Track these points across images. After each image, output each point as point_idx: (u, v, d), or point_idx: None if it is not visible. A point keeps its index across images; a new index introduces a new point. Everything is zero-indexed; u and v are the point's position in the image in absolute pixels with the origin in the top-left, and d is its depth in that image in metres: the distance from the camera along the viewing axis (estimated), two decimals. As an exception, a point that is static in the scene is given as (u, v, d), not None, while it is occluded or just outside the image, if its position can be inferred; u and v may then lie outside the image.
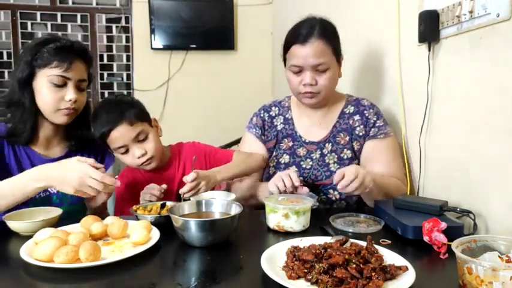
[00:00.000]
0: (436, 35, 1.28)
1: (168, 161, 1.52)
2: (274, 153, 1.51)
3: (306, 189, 1.23)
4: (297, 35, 1.36)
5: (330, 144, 1.46)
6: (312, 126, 1.49)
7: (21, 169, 1.25)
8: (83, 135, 1.39)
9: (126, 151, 1.38)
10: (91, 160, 1.12)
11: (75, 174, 1.07)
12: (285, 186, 1.21)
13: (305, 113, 1.51)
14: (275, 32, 3.95)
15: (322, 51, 1.34)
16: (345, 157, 1.44)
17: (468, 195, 1.16)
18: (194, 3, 3.92)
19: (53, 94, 1.23)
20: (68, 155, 1.35)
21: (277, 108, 1.56)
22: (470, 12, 1.11)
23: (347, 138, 1.45)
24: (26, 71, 1.22)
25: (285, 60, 1.45)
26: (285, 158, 1.47)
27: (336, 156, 1.44)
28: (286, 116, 1.53)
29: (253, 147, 1.53)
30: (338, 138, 1.46)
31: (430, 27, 1.28)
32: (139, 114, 1.39)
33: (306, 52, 1.33)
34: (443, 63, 1.28)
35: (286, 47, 1.41)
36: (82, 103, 1.31)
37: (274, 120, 1.54)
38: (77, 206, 1.38)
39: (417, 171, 1.40)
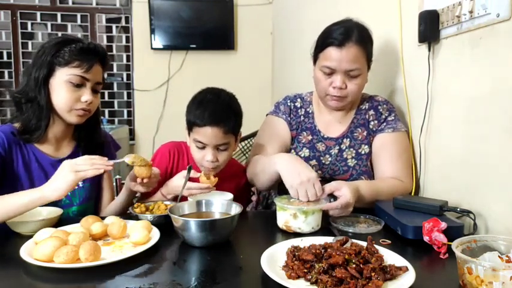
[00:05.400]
0: (436, 35, 1.28)
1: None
2: (293, 145, 1.50)
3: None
4: (334, 37, 1.34)
5: (348, 139, 1.46)
6: (331, 122, 1.50)
7: (29, 172, 1.25)
8: (92, 137, 1.39)
9: (203, 147, 1.36)
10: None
11: (64, 166, 1.09)
12: (307, 196, 1.15)
13: (325, 110, 1.51)
14: (275, 32, 3.96)
15: (358, 57, 1.34)
16: (363, 152, 1.44)
17: (468, 195, 1.16)
18: (194, 3, 3.92)
19: (70, 93, 1.24)
20: (75, 153, 1.36)
21: (300, 100, 1.55)
22: (470, 12, 1.11)
23: (364, 133, 1.46)
24: (44, 69, 1.23)
25: (315, 59, 1.44)
26: (305, 152, 1.47)
27: (354, 151, 1.44)
28: (307, 109, 1.53)
29: (282, 131, 1.50)
30: (356, 134, 1.46)
31: (430, 27, 1.28)
32: (236, 127, 1.38)
33: (342, 56, 1.32)
34: (443, 63, 1.28)
35: (321, 47, 1.39)
36: (96, 105, 1.32)
37: (298, 111, 1.53)
38: (87, 206, 1.39)
39: (417, 171, 1.40)
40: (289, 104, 1.54)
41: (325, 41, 1.37)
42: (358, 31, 1.35)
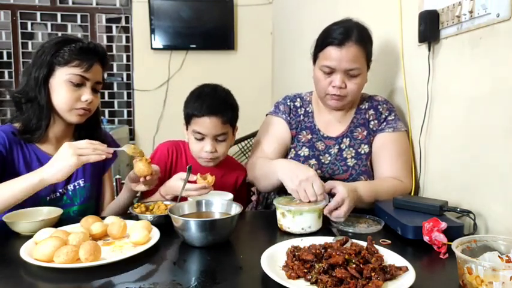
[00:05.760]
0: (436, 35, 1.28)
1: (217, 167, 1.55)
2: (292, 144, 1.50)
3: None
4: (334, 37, 1.34)
5: (348, 139, 1.46)
6: (331, 121, 1.50)
7: (30, 171, 1.25)
8: (93, 137, 1.39)
9: (202, 139, 1.42)
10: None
11: (65, 148, 1.09)
12: (307, 196, 1.14)
13: (325, 110, 1.51)
14: (275, 32, 3.96)
15: (357, 56, 1.34)
16: (362, 152, 1.44)
17: (468, 195, 1.16)
18: (194, 3, 3.92)
19: (70, 93, 1.24)
20: None
21: (300, 100, 1.55)
22: (470, 12, 1.11)
23: (364, 132, 1.46)
24: (44, 68, 1.23)
25: (314, 59, 1.44)
26: (305, 151, 1.47)
27: (354, 151, 1.45)
28: (307, 109, 1.53)
29: (282, 131, 1.50)
30: (355, 133, 1.47)
31: (430, 27, 1.28)
32: (233, 118, 1.45)
33: (342, 55, 1.33)
34: (443, 63, 1.28)
35: (321, 47, 1.39)
36: (96, 105, 1.33)
37: (298, 110, 1.53)
38: (88, 205, 1.39)
39: (417, 171, 1.40)
40: (288, 103, 1.54)
41: (325, 40, 1.38)
42: (358, 31, 1.35)
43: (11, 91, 1.29)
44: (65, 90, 1.24)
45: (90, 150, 1.09)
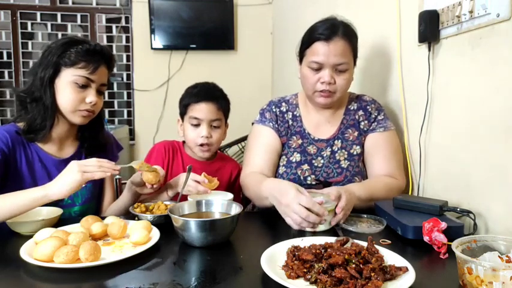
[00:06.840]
0: (436, 35, 1.28)
1: (212, 162, 1.62)
2: (283, 151, 1.49)
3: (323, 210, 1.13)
4: (320, 32, 1.35)
5: (339, 140, 1.46)
6: (320, 123, 1.49)
7: (32, 171, 1.25)
8: (96, 138, 1.40)
9: (197, 125, 1.51)
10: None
11: (72, 165, 1.09)
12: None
13: (313, 111, 1.50)
14: (275, 32, 3.96)
15: (345, 50, 1.35)
16: (355, 153, 1.44)
17: (468, 195, 1.16)
18: (194, 3, 3.92)
19: (75, 94, 1.25)
20: (78, 154, 1.37)
21: (285, 104, 1.54)
22: (470, 12, 1.11)
23: (355, 133, 1.46)
24: (50, 69, 1.23)
25: (301, 57, 1.44)
26: (296, 157, 1.45)
27: (346, 152, 1.44)
28: (294, 113, 1.52)
29: (271, 140, 1.47)
30: (346, 135, 1.46)
31: (430, 27, 1.28)
32: (226, 107, 1.58)
33: (329, 50, 1.33)
34: (443, 63, 1.28)
35: (307, 44, 1.39)
36: (100, 106, 1.33)
37: (285, 115, 1.51)
38: (89, 206, 1.39)
39: (417, 171, 1.40)
40: (274, 109, 1.51)
41: (311, 36, 1.38)
42: (344, 26, 1.37)
43: (17, 90, 1.30)
44: (69, 91, 1.24)
45: (96, 167, 1.09)
